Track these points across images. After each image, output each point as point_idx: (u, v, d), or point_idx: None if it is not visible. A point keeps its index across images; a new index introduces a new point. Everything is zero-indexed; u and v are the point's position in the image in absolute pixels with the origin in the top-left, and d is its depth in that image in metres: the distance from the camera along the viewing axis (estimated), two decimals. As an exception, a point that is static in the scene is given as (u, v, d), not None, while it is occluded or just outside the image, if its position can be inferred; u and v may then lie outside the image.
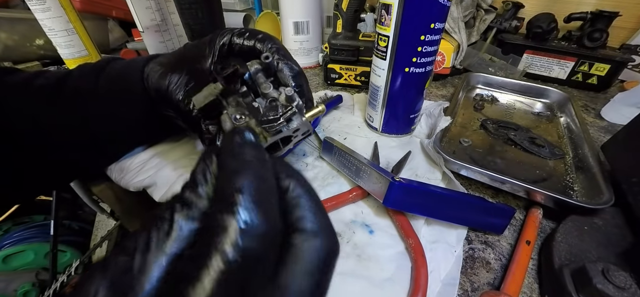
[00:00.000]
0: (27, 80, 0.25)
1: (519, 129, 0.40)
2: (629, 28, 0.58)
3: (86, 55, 0.52)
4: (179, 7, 0.44)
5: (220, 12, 0.48)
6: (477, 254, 0.25)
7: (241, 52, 0.28)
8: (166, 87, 0.26)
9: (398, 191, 0.24)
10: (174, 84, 0.25)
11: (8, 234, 0.72)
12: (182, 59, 0.27)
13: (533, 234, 0.25)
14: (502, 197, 0.30)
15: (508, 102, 0.49)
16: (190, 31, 0.46)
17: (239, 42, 0.27)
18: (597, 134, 0.42)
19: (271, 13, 0.68)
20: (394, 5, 0.28)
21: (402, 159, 0.33)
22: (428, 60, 0.32)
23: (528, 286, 0.22)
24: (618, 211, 0.25)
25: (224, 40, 0.27)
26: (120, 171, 0.31)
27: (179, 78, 0.25)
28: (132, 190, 0.30)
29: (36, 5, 0.44)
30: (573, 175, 0.32)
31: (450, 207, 0.25)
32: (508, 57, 0.59)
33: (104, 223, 0.73)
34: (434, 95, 0.51)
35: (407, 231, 0.24)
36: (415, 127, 0.39)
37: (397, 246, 0.25)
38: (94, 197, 0.53)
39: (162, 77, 0.26)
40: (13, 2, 0.59)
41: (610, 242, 0.23)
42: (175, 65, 0.26)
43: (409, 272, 0.23)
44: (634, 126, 0.28)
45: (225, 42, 0.27)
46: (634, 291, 0.18)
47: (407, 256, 0.24)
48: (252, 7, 0.77)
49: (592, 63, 0.52)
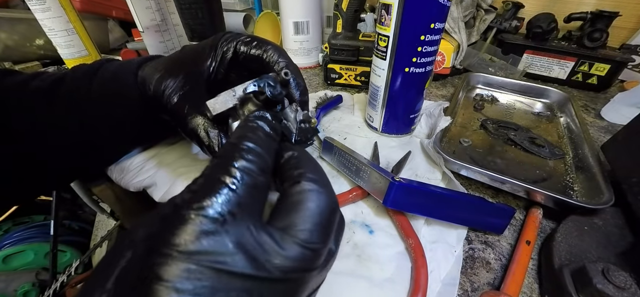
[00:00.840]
0: (25, 82, 0.25)
1: (519, 129, 0.40)
2: (629, 28, 0.58)
3: (86, 55, 0.52)
4: (179, 7, 0.44)
5: (220, 12, 0.48)
6: (477, 254, 0.25)
7: (245, 60, 0.27)
8: (161, 92, 0.24)
9: (398, 191, 0.24)
10: (170, 88, 0.24)
11: (8, 234, 0.72)
12: (178, 63, 0.26)
13: (533, 234, 0.25)
14: (502, 197, 0.30)
15: (508, 102, 0.49)
16: (190, 31, 0.46)
17: (245, 50, 0.26)
18: (597, 134, 0.42)
19: (271, 13, 0.68)
20: (394, 5, 0.28)
21: (402, 159, 0.33)
22: (428, 60, 0.32)
23: (528, 286, 0.22)
24: (618, 211, 0.25)
25: (229, 46, 0.26)
26: (120, 172, 0.31)
27: (175, 82, 0.24)
28: (132, 190, 0.30)
29: (36, 5, 0.44)
30: (573, 175, 0.32)
31: (450, 207, 0.25)
32: (508, 57, 0.59)
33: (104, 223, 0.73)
34: (434, 95, 0.51)
35: (407, 231, 0.24)
36: (415, 127, 0.39)
37: (397, 246, 0.25)
38: (94, 197, 0.53)
39: (158, 82, 0.25)
40: (13, 2, 0.59)
41: (610, 242, 0.23)
42: (171, 68, 0.25)
43: (409, 272, 0.23)
44: (634, 126, 0.28)
45: (229, 48, 0.26)
46: (634, 291, 0.18)
47: (407, 256, 0.24)
48: (252, 7, 0.77)
49: (592, 63, 0.52)
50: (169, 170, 0.30)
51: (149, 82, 0.26)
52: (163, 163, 0.31)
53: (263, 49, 0.26)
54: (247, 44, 0.26)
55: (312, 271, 0.13)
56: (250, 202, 0.12)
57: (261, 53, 0.26)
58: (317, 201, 0.14)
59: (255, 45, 0.26)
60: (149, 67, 0.26)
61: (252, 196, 0.12)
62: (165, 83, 0.24)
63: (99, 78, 0.27)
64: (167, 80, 0.24)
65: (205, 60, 0.26)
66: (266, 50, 0.26)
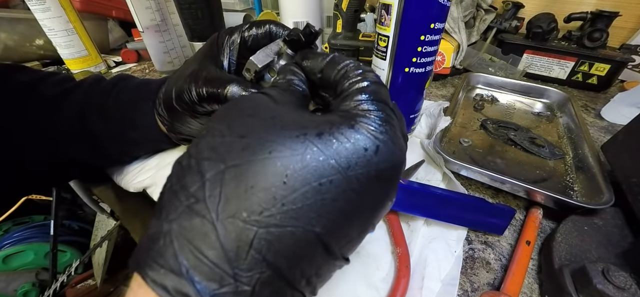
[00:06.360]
0: (33, 84, 0.25)
1: (519, 129, 0.40)
2: (629, 28, 0.58)
3: (86, 55, 0.52)
4: (179, 7, 0.44)
5: (220, 12, 0.48)
6: (477, 254, 0.25)
7: (254, 42, 0.25)
8: (180, 91, 0.22)
9: (398, 192, 0.24)
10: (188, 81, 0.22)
11: (8, 234, 0.72)
12: (189, 63, 0.24)
13: (533, 234, 0.25)
14: (502, 197, 0.30)
15: (508, 102, 0.49)
16: (190, 31, 0.46)
17: (253, 33, 0.24)
18: (597, 134, 0.42)
19: (271, 13, 0.68)
20: (394, 5, 0.28)
21: (413, 166, 0.32)
22: (428, 60, 0.32)
23: (528, 286, 0.22)
24: (618, 211, 0.25)
25: (234, 37, 0.24)
26: (120, 172, 0.31)
27: (192, 71, 0.22)
28: (132, 190, 0.30)
29: (36, 5, 0.44)
30: (573, 175, 0.32)
31: (450, 208, 0.25)
32: (508, 57, 0.59)
33: (104, 223, 0.73)
34: (434, 95, 0.51)
35: (397, 239, 0.24)
36: (415, 127, 0.39)
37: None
38: (94, 197, 0.54)
39: (179, 87, 0.23)
40: (13, 2, 0.59)
41: (610, 242, 0.23)
42: (185, 69, 0.24)
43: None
44: (634, 126, 0.28)
45: (235, 39, 0.24)
46: (634, 291, 0.18)
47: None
48: (252, 7, 0.77)
49: (592, 63, 0.52)
50: (169, 170, 0.30)
51: (167, 93, 0.24)
52: (163, 163, 0.31)
53: (265, 25, 0.24)
54: (250, 28, 0.24)
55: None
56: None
57: (268, 29, 0.24)
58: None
59: (258, 25, 0.25)
60: (169, 80, 0.25)
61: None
62: (184, 84, 0.22)
63: (114, 99, 0.26)
64: (184, 80, 0.22)
65: (219, 55, 0.24)
66: (269, 25, 0.24)
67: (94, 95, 0.26)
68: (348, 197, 0.11)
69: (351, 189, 0.11)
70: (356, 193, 0.11)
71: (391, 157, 0.12)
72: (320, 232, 0.10)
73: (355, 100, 0.13)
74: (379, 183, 0.12)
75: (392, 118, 0.13)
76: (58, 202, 0.61)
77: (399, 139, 0.13)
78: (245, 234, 0.10)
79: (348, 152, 0.11)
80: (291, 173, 0.10)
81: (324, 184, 0.10)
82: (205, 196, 0.10)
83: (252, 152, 0.11)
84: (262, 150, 0.10)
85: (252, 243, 0.10)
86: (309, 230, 0.10)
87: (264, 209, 0.10)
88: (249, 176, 0.10)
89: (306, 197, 0.10)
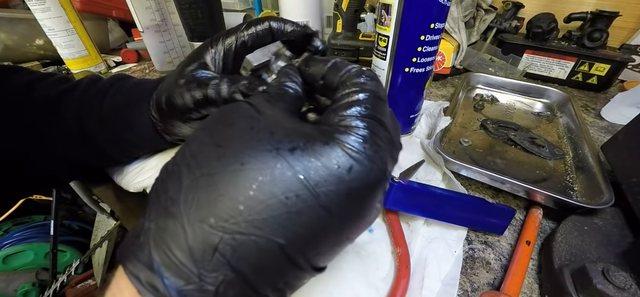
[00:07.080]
0: (30, 85, 0.25)
1: (519, 129, 0.40)
2: (629, 28, 0.58)
3: (86, 55, 0.52)
4: (179, 7, 0.44)
5: (220, 12, 0.48)
6: (477, 254, 0.25)
7: (255, 41, 0.23)
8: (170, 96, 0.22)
9: (398, 192, 0.24)
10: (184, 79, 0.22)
11: (8, 234, 0.72)
12: (183, 64, 0.23)
13: (533, 234, 0.25)
14: (502, 197, 0.30)
15: (508, 102, 0.49)
16: (190, 31, 0.46)
17: (252, 32, 0.23)
18: (597, 134, 0.42)
19: (271, 13, 0.68)
20: (394, 5, 0.28)
21: (412, 167, 0.32)
22: (428, 60, 0.32)
23: (528, 286, 0.22)
24: (618, 211, 0.25)
25: (229, 41, 0.23)
26: (120, 172, 0.31)
27: (186, 67, 0.22)
28: (132, 191, 0.30)
29: (36, 5, 0.44)
30: (573, 175, 0.32)
31: (450, 208, 0.25)
32: (508, 57, 0.59)
33: (104, 223, 0.73)
34: (434, 95, 0.51)
35: (397, 239, 0.24)
36: (415, 127, 0.39)
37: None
38: (94, 197, 0.54)
39: (169, 92, 0.22)
40: (13, 2, 0.59)
41: (610, 242, 0.23)
42: (174, 73, 0.23)
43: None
44: (634, 126, 0.28)
45: (231, 43, 0.23)
46: (634, 291, 0.18)
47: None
48: (252, 7, 0.77)
49: (592, 63, 0.52)
50: (169, 170, 0.30)
51: (160, 95, 0.24)
52: (163, 163, 0.31)
53: (265, 22, 0.23)
54: (248, 27, 0.23)
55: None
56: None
57: (268, 26, 0.23)
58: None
59: (256, 22, 0.23)
60: (162, 83, 0.24)
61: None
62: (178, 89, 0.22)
63: (111, 101, 0.26)
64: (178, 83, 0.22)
65: (208, 50, 0.23)
66: (269, 22, 0.23)
67: (91, 96, 0.26)
68: (316, 212, 0.11)
69: (319, 205, 0.11)
70: (325, 209, 0.11)
71: (366, 176, 0.12)
72: (283, 244, 0.11)
73: (341, 115, 0.13)
74: (351, 201, 0.12)
75: (379, 135, 0.12)
76: (58, 202, 0.61)
77: (380, 157, 0.12)
78: (211, 238, 0.10)
79: (317, 168, 0.11)
80: (259, 185, 0.11)
81: (290, 198, 0.11)
82: (180, 200, 0.11)
83: (225, 162, 0.11)
84: (235, 161, 0.11)
85: (218, 247, 0.10)
86: (272, 240, 0.11)
87: (230, 216, 0.10)
88: (220, 184, 0.11)
89: (271, 209, 0.10)
